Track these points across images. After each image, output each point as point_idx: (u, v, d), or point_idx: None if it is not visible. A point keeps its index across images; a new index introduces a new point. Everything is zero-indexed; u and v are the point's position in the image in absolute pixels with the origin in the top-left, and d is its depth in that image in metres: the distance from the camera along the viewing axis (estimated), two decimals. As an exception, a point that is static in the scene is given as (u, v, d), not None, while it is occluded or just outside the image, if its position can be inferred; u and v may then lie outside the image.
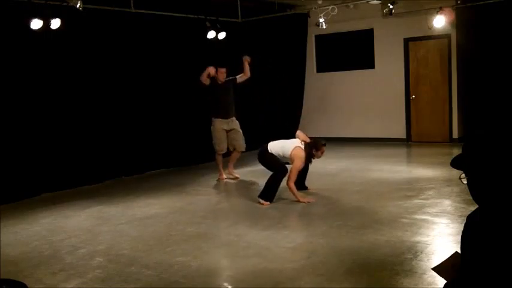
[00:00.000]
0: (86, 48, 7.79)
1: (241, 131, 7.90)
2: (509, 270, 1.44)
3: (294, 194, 6.24)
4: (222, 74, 7.69)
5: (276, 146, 6.46)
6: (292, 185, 6.21)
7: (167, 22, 8.74)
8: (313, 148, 6.38)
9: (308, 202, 6.22)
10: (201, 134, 9.46)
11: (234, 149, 7.94)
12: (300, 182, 6.80)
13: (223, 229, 5.46)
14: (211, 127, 7.81)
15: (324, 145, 6.48)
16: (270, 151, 6.44)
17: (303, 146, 6.35)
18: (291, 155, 6.30)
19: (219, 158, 7.91)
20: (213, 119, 7.78)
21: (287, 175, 6.27)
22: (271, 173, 6.41)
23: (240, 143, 7.87)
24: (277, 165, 6.37)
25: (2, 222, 5.55)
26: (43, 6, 6.65)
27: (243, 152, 8.04)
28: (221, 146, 7.79)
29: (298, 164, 6.25)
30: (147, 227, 5.58)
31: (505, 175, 1.48)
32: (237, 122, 7.92)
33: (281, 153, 6.39)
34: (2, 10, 6.70)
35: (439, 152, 9.63)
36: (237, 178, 7.96)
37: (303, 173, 6.76)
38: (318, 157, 6.48)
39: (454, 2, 9.84)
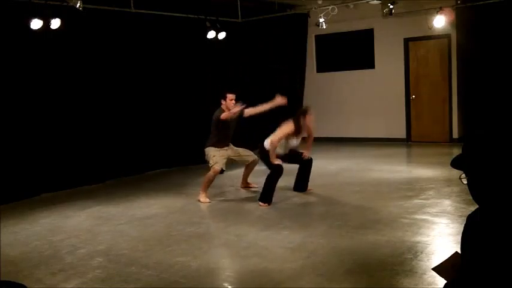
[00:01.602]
0: (86, 48, 7.79)
1: (238, 150, 6.92)
2: (509, 270, 1.44)
3: (271, 153, 6.27)
4: (232, 102, 6.63)
5: (270, 137, 6.47)
6: (275, 144, 6.25)
7: (167, 22, 8.73)
8: (301, 115, 6.40)
9: (278, 164, 6.26)
10: (201, 134, 9.45)
11: (249, 163, 7.04)
12: (302, 184, 6.79)
13: (223, 229, 5.46)
14: (207, 153, 6.66)
15: (308, 110, 6.55)
16: (265, 147, 6.43)
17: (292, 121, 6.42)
18: (280, 127, 6.39)
19: (211, 178, 6.62)
20: (209, 147, 6.66)
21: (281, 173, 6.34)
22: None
23: (248, 158, 6.96)
24: (272, 164, 6.37)
25: (2, 222, 5.55)
26: (43, 6, 6.64)
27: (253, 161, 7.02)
28: (218, 160, 6.55)
29: (283, 129, 6.33)
30: (147, 227, 5.58)
31: (505, 175, 1.48)
32: (231, 145, 6.88)
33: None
34: (2, 10, 6.70)
35: (439, 152, 9.63)
36: (253, 186, 7.23)
37: (305, 173, 6.75)
38: (309, 125, 6.46)
39: (454, 2, 9.84)
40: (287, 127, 6.37)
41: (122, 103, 8.41)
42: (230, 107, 6.65)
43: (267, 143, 6.44)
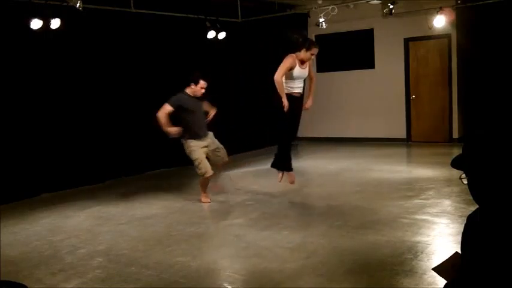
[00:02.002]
0: (86, 48, 7.79)
1: (217, 140, 6.61)
2: (509, 270, 1.44)
3: (279, 89, 6.10)
4: (202, 90, 6.38)
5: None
6: (278, 79, 6.08)
7: (167, 22, 8.73)
8: (303, 46, 6.19)
9: (285, 106, 6.04)
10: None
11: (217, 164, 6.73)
12: (287, 163, 6.64)
13: (223, 229, 5.46)
14: (186, 150, 6.45)
15: (314, 43, 6.24)
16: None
17: (294, 54, 6.26)
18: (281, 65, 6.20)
19: (205, 182, 6.52)
20: (187, 140, 6.40)
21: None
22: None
23: (222, 156, 6.64)
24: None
25: (2, 222, 5.55)
26: (43, 6, 6.64)
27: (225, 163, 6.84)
28: (206, 166, 6.34)
29: (283, 63, 6.16)
30: (147, 227, 5.58)
31: (505, 175, 1.48)
32: (211, 133, 6.59)
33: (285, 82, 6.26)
34: (2, 10, 6.70)
35: (439, 152, 9.63)
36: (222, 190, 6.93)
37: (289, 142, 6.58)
38: (308, 58, 6.26)
39: (454, 2, 9.84)
40: (287, 60, 6.20)
41: (122, 103, 8.40)
42: (198, 93, 6.37)
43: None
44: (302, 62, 6.29)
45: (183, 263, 4.34)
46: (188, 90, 6.41)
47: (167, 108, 6.28)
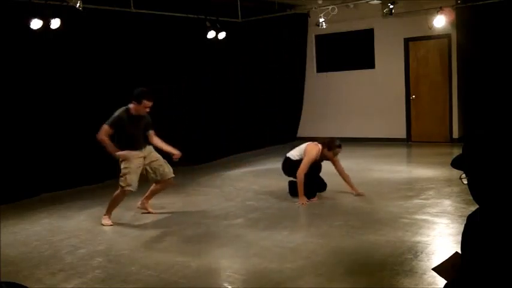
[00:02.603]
0: (86, 48, 7.79)
1: (159, 156, 6.01)
2: (509, 270, 1.44)
3: (299, 187, 6.20)
4: (146, 109, 5.83)
5: (294, 151, 6.51)
6: (301, 176, 6.16)
7: (167, 22, 8.73)
8: (326, 147, 6.35)
9: (302, 204, 6.17)
10: (200, 133, 9.46)
11: (160, 180, 5.99)
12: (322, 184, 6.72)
13: (223, 229, 5.46)
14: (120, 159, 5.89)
15: (339, 146, 6.41)
16: (289, 157, 6.48)
17: (319, 145, 6.37)
18: (305, 150, 6.33)
19: (119, 198, 5.78)
20: (127, 151, 5.86)
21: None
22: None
23: (166, 170, 5.95)
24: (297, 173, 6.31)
25: (2, 222, 5.55)
26: (43, 6, 6.64)
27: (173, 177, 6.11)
28: (132, 179, 5.68)
29: (309, 156, 6.25)
30: (147, 227, 5.58)
31: (505, 175, 1.48)
32: (150, 147, 6.01)
33: (298, 154, 6.41)
34: (2, 10, 6.70)
35: (439, 152, 9.63)
36: (150, 212, 6.18)
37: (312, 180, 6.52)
38: (331, 157, 6.41)
39: (454, 2, 9.84)
40: (313, 153, 6.28)
41: (122, 103, 8.38)
42: (141, 112, 5.79)
43: (293, 156, 6.46)
44: (323, 156, 6.39)
45: (183, 263, 4.34)
46: (131, 107, 5.79)
47: (107, 129, 5.71)
